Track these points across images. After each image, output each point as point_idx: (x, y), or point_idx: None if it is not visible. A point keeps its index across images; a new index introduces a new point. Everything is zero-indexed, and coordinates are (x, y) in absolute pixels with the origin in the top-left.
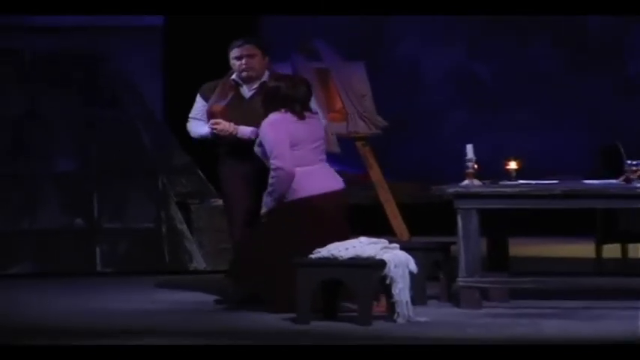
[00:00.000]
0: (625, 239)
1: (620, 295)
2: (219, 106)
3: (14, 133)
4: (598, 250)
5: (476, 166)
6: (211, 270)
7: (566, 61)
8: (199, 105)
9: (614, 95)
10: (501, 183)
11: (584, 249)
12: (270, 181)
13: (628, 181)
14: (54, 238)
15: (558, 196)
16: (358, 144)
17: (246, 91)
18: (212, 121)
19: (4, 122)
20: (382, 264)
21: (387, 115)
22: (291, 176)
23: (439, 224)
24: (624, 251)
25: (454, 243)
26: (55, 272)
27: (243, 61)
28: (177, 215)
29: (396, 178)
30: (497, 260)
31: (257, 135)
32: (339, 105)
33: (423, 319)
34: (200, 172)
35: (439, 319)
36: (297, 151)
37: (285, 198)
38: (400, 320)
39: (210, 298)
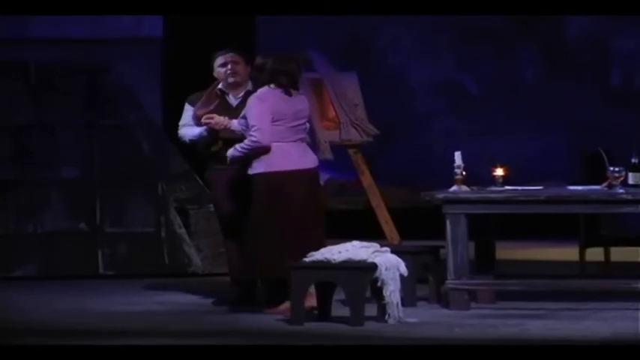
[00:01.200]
0: (607, 243)
1: (602, 297)
2: (203, 111)
3: (20, 141)
4: (581, 254)
5: (464, 172)
6: (209, 273)
7: (550, 69)
8: (188, 113)
9: (599, 103)
10: (488, 189)
11: (567, 252)
12: (244, 146)
13: (610, 187)
14: (58, 241)
15: (543, 202)
16: (350, 151)
17: (233, 100)
18: (206, 115)
19: (11, 131)
20: (374, 267)
21: (376, 122)
22: (266, 150)
23: (427, 228)
24: (607, 255)
25: (443, 247)
26: (58, 275)
27: (229, 66)
28: (177, 220)
29: (386, 183)
30: (484, 263)
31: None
32: (332, 114)
33: (413, 320)
34: (198, 178)
35: (429, 320)
36: (278, 127)
37: (256, 169)
38: (391, 321)
39: (206, 300)
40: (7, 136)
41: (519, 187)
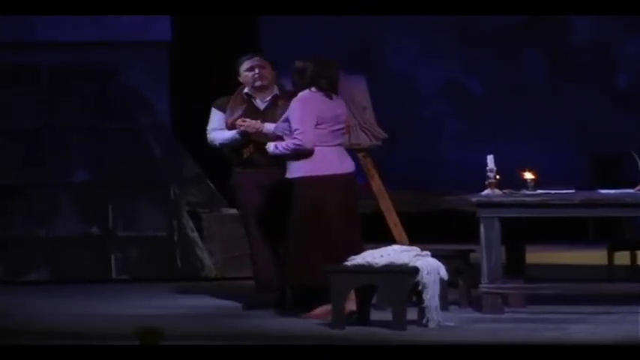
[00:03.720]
0: (633, 247)
1: (631, 301)
2: (233, 118)
3: (32, 145)
4: (610, 257)
5: (498, 176)
6: (222, 277)
7: (555, 72)
8: (217, 117)
9: (604, 106)
10: (522, 192)
11: (589, 256)
12: (286, 147)
13: None
14: (70, 246)
15: (578, 206)
16: (359, 155)
17: (260, 103)
18: (240, 119)
19: (22, 135)
20: (415, 271)
21: (381, 125)
22: (307, 154)
23: (433, 231)
24: (633, 258)
25: (473, 250)
26: (71, 279)
27: (256, 71)
28: (189, 224)
29: (390, 186)
30: (514, 267)
31: (280, 130)
32: None
33: (451, 324)
34: (210, 182)
35: (468, 324)
36: (320, 131)
37: (295, 173)
38: (431, 325)
39: (227, 303)
40: (18, 140)
41: (552, 191)
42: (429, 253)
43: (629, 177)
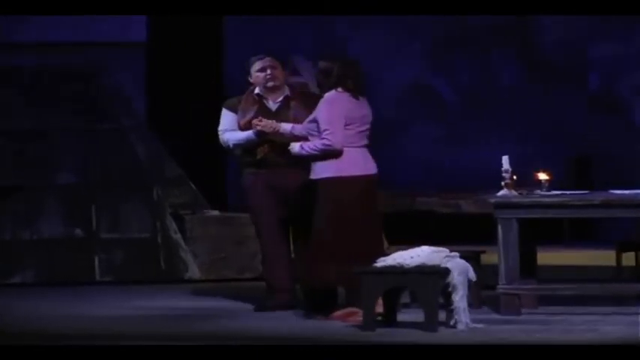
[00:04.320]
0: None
1: None
2: (246, 119)
3: (17, 147)
4: (618, 258)
5: (515, 177)
6: (206, 279)
7: (528, 75)
8: (228, 118)
9: (578, 108)
10: (537, 193)
11: (596, 257)
12: (314, 148)
13: None
14: (54, 248)
15: (597, 206)
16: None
17: (272, 104)
18: (257, 119)
19: (7, 137)
20: (447, 272)
21: None
22: (335, 155)
23: (412, 232)
24: (637, 259)
25: (484, 252)
26: (56, 281)
27: (268, 71)
28: (172, 225)
29: None
30: (527, 268)
31: (297, 130)
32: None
33: (480, 325)
34: (190, 183)
35: (494, 326)
36: (348, 131)
37: (321, 173)
38: (460, 326)
39: (222, 304)
40: (2, 141)
41: (567, 192)
42: (457, 254)
43: (602, 177)
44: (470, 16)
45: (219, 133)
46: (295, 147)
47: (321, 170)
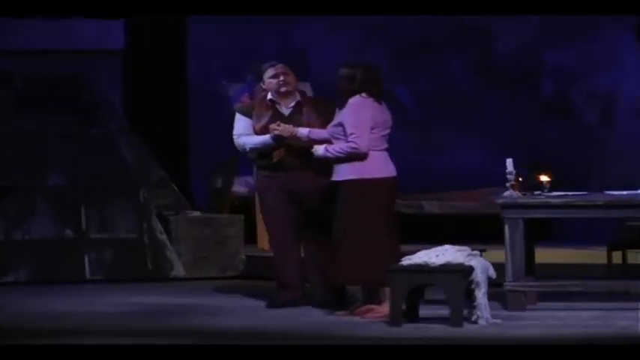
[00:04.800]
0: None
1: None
2: (261, 124)
3: (8, 150)
4: (609, 256)
5: (520, 178)
6: (190, 277)
7: (485, 81)
8: (242, 122)
9: (532, 114)
10: (540, 194)
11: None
12: (340, 151)
13: None
14: (46, 248)
15: (601, 207)
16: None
17: (285, 109)
18: (275, 124)
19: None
20: (470, 270)
21: None
22: (361, 157)
23: None
24: (624, 257)
25: (485, 250)
26: (48, 280)
27: (281, 78)
28: (158, 226)
29: None
30: (526, 266)
31: (314, 134)
32: None
33: (498, 321)
34: (173, 185)
35: (511, 321)
36: (373, 135)
37: (345, 175)
38: (481, 322)
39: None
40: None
41: (569, 193)
42: (478, 252)
43: (556, 181)
44: (428, 26)
45: (235, 137)
46: (320, 150)
47: (346, 172)
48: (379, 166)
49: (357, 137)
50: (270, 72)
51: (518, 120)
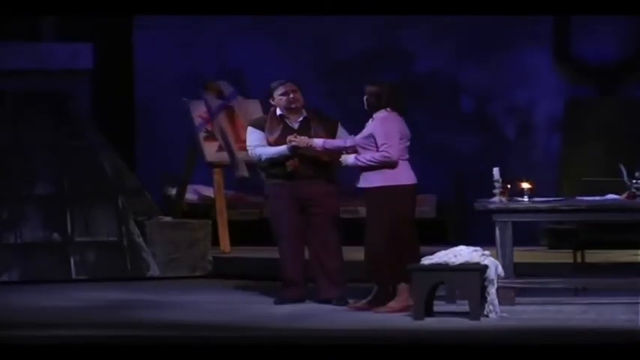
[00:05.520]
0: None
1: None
2: (274, 137)
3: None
4: (575, 256)
5: (509, 185)
6: (164, 276)
7: (406, 98)
8: (256, 135)
9: (452, 128)
10: (515, 200)
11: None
12: (372, 159)
13: (633, 197)
14: (35, 250)
15: (584, 210)
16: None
17: (294, 123)
18: (291, 136)
19: None
20: (485, 268)
21: None
22: (392, 166)
23: None
24: (582, 257)
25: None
26: (38, 280)
27: (291, 95)
28: (135, 230)
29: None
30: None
31: (328, 144)
32: (244, 136)
33: (506, 315)
34: (147, 193)
35: (520, 315)
36: (399, 146)
37: (373, 182)
38: (492, 316)
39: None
40: None
41: (550, 199)
42: (489, 252)
43: (475, 190)
44: (353, 46)
45: (249, 148)
46: (349, 159)
47: (373, 180)
48: (403, 173)
49: (389, 147)
50: (280, 90)
51: (440, 133)
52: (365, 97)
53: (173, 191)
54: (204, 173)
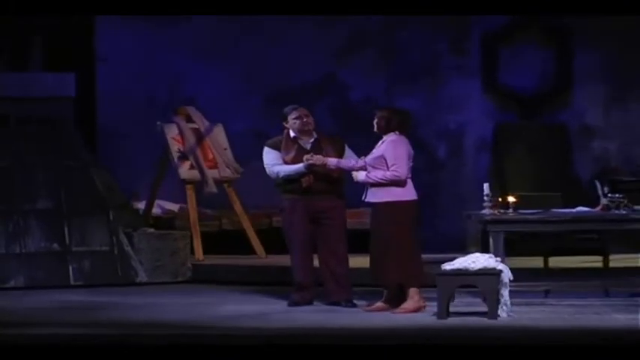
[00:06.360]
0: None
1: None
2: (290, 157)
3: (5, 180)
4: (545, 261)
5: (500, 199)
6: (151, 282)
7: (343, 125)
8: (272, 154)
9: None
10: (506, 212)
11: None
12: (383, 177)
13: (607, 209)
14: (38, 259)
15: (569, 221)
16: (225, 185)
17: (306, 144)
18: (307, 155)
19: None
20: (500, 273)
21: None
22: (400, 184)
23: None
24: (546, 262)
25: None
26: (41, 285)
27: (304, 119)
28: (124, 240)
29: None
30: None
31: (342, 164)
32: (211, 156)
33: (514, 315)
34: (133, 206)
35: (532, 315)
36: (407, 166)
37: (382, 198)
38: (503, 315)
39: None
40: None
41: (537, 210)
42: (500, 258)
43: None
44: (298, 75)
45: (267, 166)
46: (360, 176)
47: (381, 195)
48: (407, 191)
49: (399, 167)
50: (293, 114)
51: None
52: (375, 121)
53: (141, 205)
54: (166, 190)
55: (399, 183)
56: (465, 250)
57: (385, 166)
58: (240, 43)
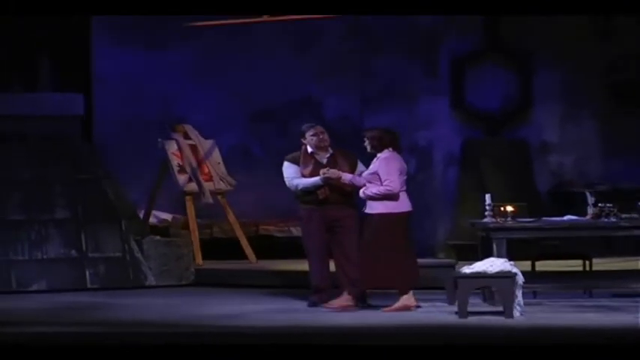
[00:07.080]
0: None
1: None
2: (308, 170)
3: (26, 192)
4: (533, 265)
5: (502, 208)
6: (159, 285)
7: None
8: (292, 169)
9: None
10: (506, 220)
11: None
12: (378, 192)
13: (598, 217)
14: (58, 264)
15: (566, 228)
16: (219, 197)
17: (323, 159)
18: (324, 169)
19: (19, 185)
20: (514, 275)
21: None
22: (393, 197)
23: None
24: (533, 266)
25: (457, 263)
26: (60, 289)
27: (320, 136)
28: (135, 247)
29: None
30: None
31: (356, 180)
32: (206, 170)
33: (522, 314)
34: (139, 216)
35: (532, 314)
36: (399, 180)
37: (375, 209)
38: (517, 314)
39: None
40: (17, 188)
41: (533, 219)
42: (513, 262)
43: None
44: (276, 96)
45: (287, 180)
46: (361, 192)
47: (377, 207)
48: (402, 202)
49: (392, 182)
50: (311, 131)
51: None
52: (367, 142)
53: (140, 213)
54: (161, 201)
55: (392, 196)
56: (434, 256)
57: (379, 181)
58: (227, 68)
